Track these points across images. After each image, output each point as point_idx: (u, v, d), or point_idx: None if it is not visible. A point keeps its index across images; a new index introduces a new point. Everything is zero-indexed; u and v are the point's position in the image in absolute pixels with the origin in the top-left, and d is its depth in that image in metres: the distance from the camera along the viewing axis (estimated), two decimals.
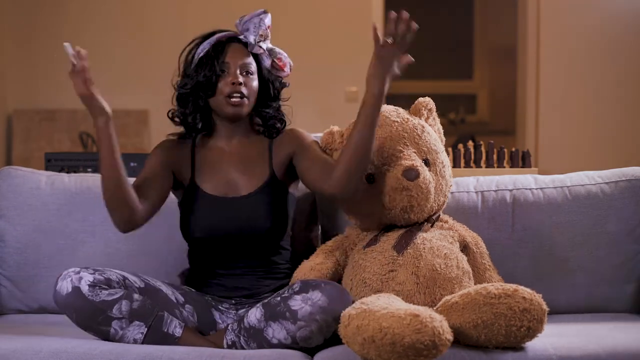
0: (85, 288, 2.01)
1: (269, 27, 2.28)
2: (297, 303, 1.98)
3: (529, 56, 6.12)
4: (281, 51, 2.30)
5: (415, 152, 2.22)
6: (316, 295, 1.97)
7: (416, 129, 2.25)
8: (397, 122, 2.25)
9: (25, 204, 2.46)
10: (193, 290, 2.25)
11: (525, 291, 1.91)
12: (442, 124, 2.43)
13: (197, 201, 2.24)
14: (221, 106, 2.23)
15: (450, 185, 2.32)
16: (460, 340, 1.93)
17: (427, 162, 2.22)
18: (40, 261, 2.42)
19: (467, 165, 3.50)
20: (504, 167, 3.51)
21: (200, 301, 2.22)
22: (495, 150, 3.51)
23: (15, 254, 2.43)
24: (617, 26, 5.98)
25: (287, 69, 2.32)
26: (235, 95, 2.21)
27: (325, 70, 6.12)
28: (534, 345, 1.94)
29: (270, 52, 2.29)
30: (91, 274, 2.04)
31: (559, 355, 1.93)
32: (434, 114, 2.37)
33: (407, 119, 2.27)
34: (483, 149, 3.47)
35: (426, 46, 8.56)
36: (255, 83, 2.25)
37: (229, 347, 2.06)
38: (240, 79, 2.21)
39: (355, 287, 2.16)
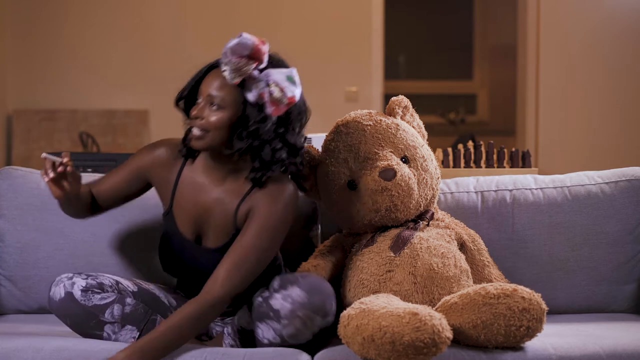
0: (77, 293, 2.01)
1: (252, 54, 1.96)
2: (278, 302, 1.97)
3: (529, 56, 6.12)
4: (276, 83, 1.97)
5: (392, 152, 2.22)
6: (295, 292, 1.96)
7: (390, 129, 2.25)
8: (370, 125, 2.25)
9: (25, 203, 2.46)
10: (184, 296, 2.23)
11: (525, 291, 1.91)
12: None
13: (170, 234, 2.16)
14: None
15: (438, 178, 2.31)
16: (460, 340, 1.93)
17: (406, 159, 2.23)
18: (40, 261, 2.42)
19: (467, 165, 3.50)
20: (504, 167, 3.51)
21: None
22: (495, 150, 3.51)
23: (15, 254, 2.43)
24: (617, 26, 5.98)
25: (269, 108, 1.98)
26: (194, 129, 2.03)
27: (325, 70, 6.12)
28: (533, 345, 1.94)
29: (257, 83, 1.99)
30: (84, 279, 2.03)
31: (558, 355, 1.93)
32: (411, 110, 2.36)
33: (380, 120, 2.27)
34: (483, 149, 3.47)
35: (426, 46, 8.58)
36: (217, 117, 1.99)
37: None
38: (197, 112, 2.01)
39: (354, 289, 2.16)
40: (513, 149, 3.52)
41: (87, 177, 2.55)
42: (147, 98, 5.85)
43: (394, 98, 2.35)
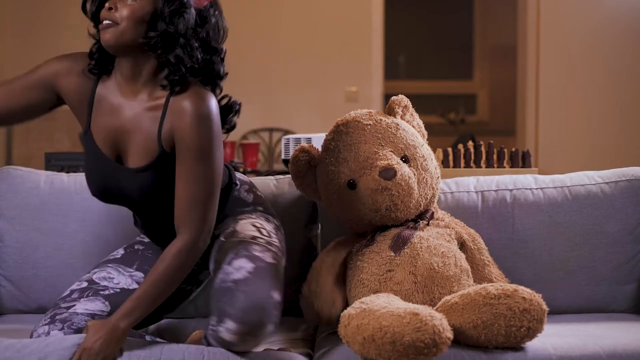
0: None
1: None
2: (225, 334, 1.89)
3: (529, 56, 6.13)
4: None
5: (392, 151, 2.22)
6: (231, 325, 1.87)
7: (390, 128, 2.25)
8: (370, 124, 2.25)
9: (24, 203, 2.45)
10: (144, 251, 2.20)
11: (525, 291, 1.91)
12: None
13: (90, 153, 2.02)
14: None
15: (438, 177, 2.31)
16: (461, 340, 1.93)
17: (406, 159, 2.23)
18: (39, 261, 2.42)
19: (467, 165, 3.50)
20: (504, 167, 3.51)
21: (158, 250, 2.16)
22: (495, 150, 3.50)
23: (14, 254, 2.43)
24: (617, 26, 5.98)
25: None
26: (105, 21, 1.90)
27: (325, 70, 6.13)
28: (534, 345, 1.94)
29: None
30: (60, 329, 1.97)
31: (558, 355, 1.93)
32: (411, 110, 2.36)
33: (380, 119, 2.27)
34: (483, 149, 3.47)
35: (426, 46, 8.58)
36: (133, 7, 1.88)
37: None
38: (111, 3, 1.90)
39: (354, 288, 2.16)
40: (513, 149, 3.52)
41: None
42: None
43: (393, 97, 2.35)
